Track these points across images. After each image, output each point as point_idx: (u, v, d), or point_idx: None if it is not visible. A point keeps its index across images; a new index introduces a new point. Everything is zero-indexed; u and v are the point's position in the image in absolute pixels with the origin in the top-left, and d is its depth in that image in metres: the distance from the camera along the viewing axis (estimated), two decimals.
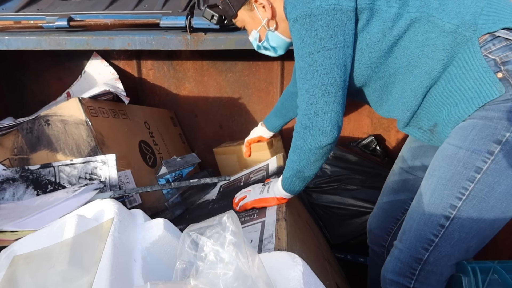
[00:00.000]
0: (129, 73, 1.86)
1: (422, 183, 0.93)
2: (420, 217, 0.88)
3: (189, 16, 1.45)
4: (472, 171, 0.82)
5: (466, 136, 0.83)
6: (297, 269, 0.56)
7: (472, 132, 0.82)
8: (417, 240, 0.88)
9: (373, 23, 0.84)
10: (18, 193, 1.27)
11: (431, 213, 0.86)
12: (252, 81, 1.87)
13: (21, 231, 1.01)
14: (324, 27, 0.81)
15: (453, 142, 0.85)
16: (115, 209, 0.67)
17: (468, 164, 0.82)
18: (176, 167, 1.49)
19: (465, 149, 0.83)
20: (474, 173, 0.81)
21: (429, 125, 0.96)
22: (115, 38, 1.45)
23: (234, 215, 0.55)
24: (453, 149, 0.85)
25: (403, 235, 0.93)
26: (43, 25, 1.50)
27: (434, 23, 0.83)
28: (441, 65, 0.85)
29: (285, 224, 0.89)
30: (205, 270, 0.52)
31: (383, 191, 1.27)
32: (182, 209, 1.43)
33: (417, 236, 0.88)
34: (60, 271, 0.58)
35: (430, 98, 0.91)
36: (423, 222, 0.88)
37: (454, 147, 0.85)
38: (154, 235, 0.66)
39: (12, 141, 1.36)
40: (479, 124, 0.82)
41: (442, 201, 0.85)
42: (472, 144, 0.82)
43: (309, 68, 0.85)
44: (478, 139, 0.81)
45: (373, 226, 1.29)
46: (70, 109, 1.30)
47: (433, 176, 0.88)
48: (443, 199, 0.85)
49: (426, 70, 0.87)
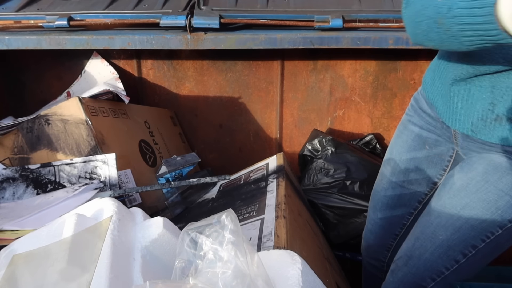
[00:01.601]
0: (129, 73, 1.86)
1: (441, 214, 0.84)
2: (435, 249, 0.84)
3: (189, 16, 1.45)
4: (506, 220, 0.78)
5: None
6: (295, 267, 0.56)
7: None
8: (426, 269, 0.86)
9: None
10: (18, 192, 1.27)
11: (449, 248, 0.83)
12: (252, 81, 1.87)
13: (21, 230, 1.01)
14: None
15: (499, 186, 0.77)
16: (114, 208, 0.67)
17: (506, 213, 0.77)
18: (176, 166, 1.49)
19: (510, 196, 0.76)
20: (508, 222, 0.78)
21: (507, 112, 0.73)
22: (115, 37, 1.46)
23: (232, 213, 0.55)
24: (497, 194, 0.77)
25: (409, 259, 0.88)
26: (43, 25, 1.51)
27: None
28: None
29: (285, 222, 0.89)
30: (204, 268, 0.52)
31: (375, 206, 1.17)
32: (182, 208, 1.43)
33: (427, 266, 0.85)
34: (59, 270, 0.58)
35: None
36: (437, 255, 0.84)
37: (499, 192, 0.77)
38: (153, 233, 0.66)
39: (12, 140, 1.36)
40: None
41: (465, 241, 0.81)
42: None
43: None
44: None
45: (371, 242, 1.22)
46: (70, 109, 1.30)
47: (462, 213, 0.81)
48: (466, 239, 0.81)
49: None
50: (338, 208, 1.57)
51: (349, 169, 1.58)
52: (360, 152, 1.70)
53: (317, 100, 1.91)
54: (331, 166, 1.59)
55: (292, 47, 1.46)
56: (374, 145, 1.82)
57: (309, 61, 1.84)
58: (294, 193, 1.28)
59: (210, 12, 1.48)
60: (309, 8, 1.56)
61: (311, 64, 1.85)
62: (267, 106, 1.92)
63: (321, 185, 1.59)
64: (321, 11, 1.52)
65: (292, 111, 1.94)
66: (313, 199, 1.60)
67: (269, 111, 1.93)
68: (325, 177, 1.59)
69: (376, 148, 1.81)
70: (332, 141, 1.64)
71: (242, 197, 1.21)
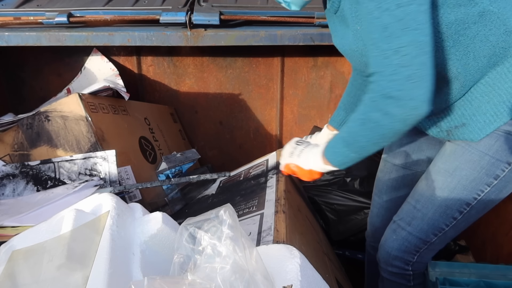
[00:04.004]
0: (129, 69, 1.86)
1: (437, 178, 0.97)
2: (436, 209, 0.96)
3: (189, 12, 1.45)
4: (491, 178, 0.90)
5: (491, 146, 0.89)
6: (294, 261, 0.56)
7: (497, 143, 0.88)
8: (429, 227, 0.97)
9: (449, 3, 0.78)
10: (18, 189, 1.27)
11: (447, 207, 0.95)
12: (252, 77, 1.87)
13: (22, 226, 1.02)
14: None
15: (479, 148, 0.90)
16: (113, 203, 0.67)
17: (489, 172, 0.90)
18: (176, 163, 1.49)
19: (490, 156, 0.89)
20: (493, 179, 0.90)
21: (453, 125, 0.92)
22: (115, 34, 1.45)
23: (231, 208, 0.55)
24: (478, 155, 0.90)
25: (413, 220, 1.00)
26: (42, 21, 1.50)
27: (502, 20, 0.80)
28: (494, 62, 0.83)
29: (284, 217, 0.89)
30: (202, 263, 0.52)
31: (380, 190, 1.25)
32: (182, 204, 1.43)
33: (430, 224, 0.97)
34: (58, 265, 0.59)
35: (473, 93, 0.87)
36: (438, 214, 0.96)
37: (480, 153, 0.90)
38: (152, 228, 0.66)
39: (12, 137, 1.36)
40: (503, 137, 0.88)
41: (459, 200, 0.93)
42: (496, 154, 0.89)
43: (398, 24, 0.69)
44: (502, 151, 0.88)
45: (377, 225, 1.27)
46: (70, 105, 1.30)
47: (454, 175, 0.94)
48: (461, 198, 0.93)
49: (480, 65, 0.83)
50: (338, 205, 1.57)
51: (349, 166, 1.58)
52: None
53: (318, 97, 1.91)
54: None
55: (293, 43, 1.46)
56: None
57: (309, 58, 1.84)
58: (294, 189, 1.28)
59: (210, 9, 1.48)
60: (309, 4, 1.55)
61: (311, 61, 1.85)
62: (267, 103, 1.92)
63: (321, 182, 1.59)
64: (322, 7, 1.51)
65: (292, 108, 1.94)
66: (314, 196, 1.60)
67: (269, 108, 1.93)
68: (325, 174, 1.59)
69: None
70: None
71: (241, 192, 1.21)
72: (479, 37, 0.81)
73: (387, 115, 0.73)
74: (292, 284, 0.54)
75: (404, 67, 0.70)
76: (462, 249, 1.53)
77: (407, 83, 0.70)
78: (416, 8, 0.69)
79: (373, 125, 0.76)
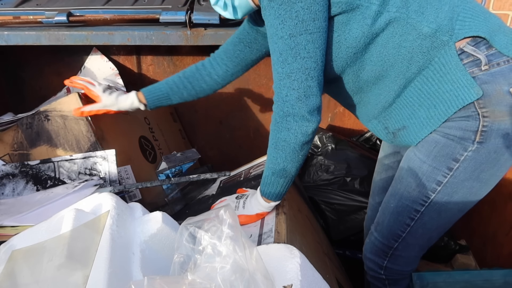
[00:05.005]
0: (129, 69, 1.86)
1: (392, 184, 1.02)
2: (390, 216, 1.01)
3: (189, 11, 1.44)
4: (433, 184, 0.92)
5: (430, 151, 0.91)
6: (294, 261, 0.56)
7: (435, 149, 0.90)
8: (388, 233, 1.02)
9: (353, 18, 0.83)
10: (18, 189, 1.27)
11: (399, 214, 0.99)
12: (252, 77, 1.86)
13: (21, 226, 1.01)
14: (306, 10, 0.78)
15: (419, 155, 0.93)
16: (113, 203, 0.67)
17: (430, 178, 0.92)
18: (176, 162, 1.49)
19: (428, 164, 0.92)
20: (435, 185, 0.92)
21: (396, 127, 0.97)
22: (115, 33, 1.45)
23: (231, 208, 0.55)
24: (419, 162, 0.93)
25: (377, 225, 1.06)
26: (42, 20, 1.50)
27: (412, 25, 0.83)
28: (416, 67, 0.87)
29: (285, 218, 0.89)
30: (202, 263, 0.52)
31: (373, 191, 1.27)
32: (182, 204, 1.43)
33: (388, 230, 1.02)
34: (58, 265, 0.58)
35: (405, 98, 0.91)
36: (392, 221, 1.00)
37: (419, 161, 0.93)
38: (152, 228, 0.66)
39: (12, 136, 1.36)
40: (442, 142, 0.89)
41: (407, 206, 0.97)
42: (434, 160, 0.91)
43: (290, 51, 0.81)
44: (440, 156, 0.90)
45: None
46: (70, 104, 1.30)
47: (401, 183, 0.98)
48: (408, 205, 0.96)
49: (401, 70, 0.87)
50: (338, 205, 1.57)
51: (349, 166, 1.58)
52: (360, 149, 1.70)
53: None
54: (331, 162, 1.59)
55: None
56: (374, 141, 1.81)
57: None
58: (294, 189, 1.28)
59: (210, 8, 1.47)
60: None
61: None
62: (268, 102, 1.92)
63: (321, 182, 1.59)
64: None
65: None
66: (314, 195, 1.60)
67: (269, 107, 1.92)
68: (325, 174, 1.58)
69: (377, 144, 1.80)
70: (332, 138, 1.64)
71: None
72: (391, 44, 0.85)
73: (289, 131, 0.84)
74: (292, 284, 0.54)
75: (294, 90, 0.82)
76: (462, 249, 1.53)
77: (298, 103, 0.82)
78: (306, 38, 0.79)
79: (283, 143, 0.86)
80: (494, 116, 0.83)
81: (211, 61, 1.19)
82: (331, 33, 0.85)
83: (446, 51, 0.84)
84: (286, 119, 0.84)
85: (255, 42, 1.12)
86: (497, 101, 0.82)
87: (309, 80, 0.82)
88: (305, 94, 0.82)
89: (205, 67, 1.20)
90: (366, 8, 0.82)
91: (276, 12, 0.80)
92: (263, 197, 0.94)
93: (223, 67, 1.17)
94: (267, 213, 0.97)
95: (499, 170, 0.90)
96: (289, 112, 0.83)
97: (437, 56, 0.84)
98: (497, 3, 1.96)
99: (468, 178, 0.89)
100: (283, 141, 0.86)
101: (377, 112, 0.97)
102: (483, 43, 0.83)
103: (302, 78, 0.81)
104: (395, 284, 1.09)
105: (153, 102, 1.22)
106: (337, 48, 0.87)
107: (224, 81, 1.21)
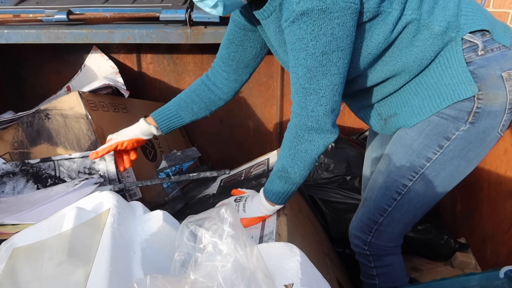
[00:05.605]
0: (129, 67, 1.86)
1: (380, 162, 1.06)
2: (378, 190, 1.03)
3: (189, 10, 1.44)
4: (423, 160, 0.95)
5: (422, 130, 0.94)
6: (295, 259, 0.56)
7: (428, 127, 0.93)
8: (375, 207, 1.04)
9: (376, 25, 0.83)
10: (18, 187, 1.27)
11: (386, 189, 1.01)
12: (252, 75, 1.86)
13: (22, 224, 1.02)
14: (341, 26, 0.76)
15: (411, 133, 0.96)
16: (113, 201, 0.67)
17: (420, 154, 0.95)
18: (176, 161, 1.49)
19: (419, 142, 0.94)
20: (425, 161, 0.95)
21: (389, 113, 0.99)
22: (115, 31, 1.45)
23: (232, 207, 0.55)
24: (410, 140, 0.96)
25: (365, 201, 1.08)
26: (42, 19, 1.50)
27: (425, 25, 0.84)
28: (426, 64, 0.89)
29: (286, 220, 0.90)
30: (203, 262, 0.52)
31: (364, 186, 1.28)
32: (183, 203, 1.43)
33: (375, 205, 1.04)
34: (59, 263, 0.59)
35: (403, 87, 0.94)
36: (380, 195, 1.03)
37: (411, 138, 0.96)
38: (153, 226, 0.66)
39: (12, 135, 1.36)
40: (435, 120, 0.92)
41: (396, 181, 0.99)
42: (426, 138, 0.93)
43: (321, 68, 0.80)
44: (432, 134, 0.93)
45: None
46: (70, 103, 1.30)
47: (390, 159, 1.01)
48: (396, 180, 0.99)
49: (411, 69, 0.89)
50: (338, 203, 1.57)
51: (349, 164, 1.58)
52: (360, 147, 1.70)
53: None
54: (331, 161, 1.59)
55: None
56: None
57: None
58: None
59: None
60: None
61: None
62: (268, 101, 1.92)
63: (322, 181, 1.59)
64: None
65: None
66: (314, 194, 1.60)
67: (269, 106, 1.93)
68: (325, 172, 1.59)
69: None
70: None
71: None
72: (404, 44, 0.86)
73: (311, 143, 0.86)
74: (293, 283, 0.54)
75: (321, 106, 0.82)
76: (462, 247, 1.53)
77: (324, 118, 0.83)
78: (338, 55, 0.79)
79: (303, 155, 0.87)
80: (488, 98, 0.87)
81: (212, 71, 1.16)
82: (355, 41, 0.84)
83: (453, 46, 0.86)
84: (309, 132, 0.85)
85: (246, 39, 1.08)
86: (491, 84, 0.86)
87: (336, 95, 0.82)
88: (331, 109, 0.83)
89: (208, 78, 1.16)
90: (388, 14, 0.82)
91: (308, 28, 0.77)
92: (269, 201, 0.94)
93: (223, 75, 1.13)
94: (268, 216, 0.97)
95: (484, 150, 0.94)
96: (313, 127, 0.84)
97: (443, 50, 0.87)
98: (498, 1, 1.96)
99: (457, 156, 0.92)
100: (303, 152, 0.87)
101: (374, 101, 0.99)
102: (479, 32, 0.87)
103: (331, 95, 0.82)
104: (378, 259, 1.11)
105: (164, 123, 1.17)
106: (357, 55, 0.86)
107: (230, 89, 1.16)
